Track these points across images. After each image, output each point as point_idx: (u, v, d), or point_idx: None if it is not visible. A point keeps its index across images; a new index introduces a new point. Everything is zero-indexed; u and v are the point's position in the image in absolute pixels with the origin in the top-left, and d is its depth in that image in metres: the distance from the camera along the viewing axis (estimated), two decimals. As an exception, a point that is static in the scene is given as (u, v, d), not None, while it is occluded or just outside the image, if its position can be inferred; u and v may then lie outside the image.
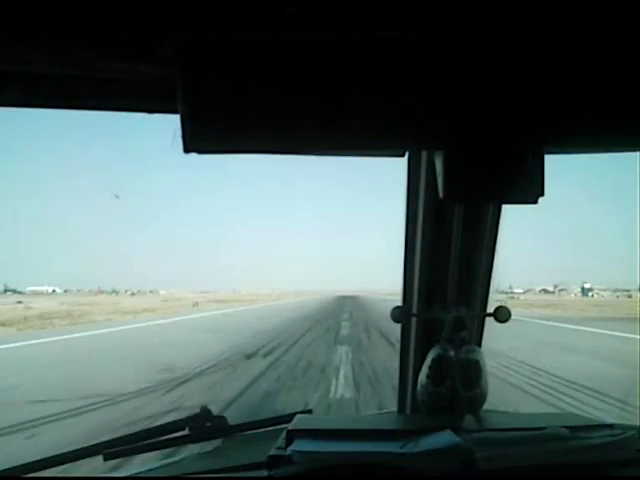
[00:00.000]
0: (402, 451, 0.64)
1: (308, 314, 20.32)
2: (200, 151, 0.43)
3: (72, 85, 0.65)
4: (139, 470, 0.87)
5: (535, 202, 0.48)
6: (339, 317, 18.30)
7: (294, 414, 0.88)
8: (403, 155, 0.53)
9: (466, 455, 0.63)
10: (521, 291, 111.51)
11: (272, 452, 0.66)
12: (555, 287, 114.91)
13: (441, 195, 0.48)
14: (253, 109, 0.42)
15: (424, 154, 0.91)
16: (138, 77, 0.62)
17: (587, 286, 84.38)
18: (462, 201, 0.77)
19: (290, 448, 0.66)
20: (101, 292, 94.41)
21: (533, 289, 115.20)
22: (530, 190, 0.48)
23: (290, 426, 0.76)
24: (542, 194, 0.47)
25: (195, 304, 28.96)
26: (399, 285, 1.08)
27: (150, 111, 0.68)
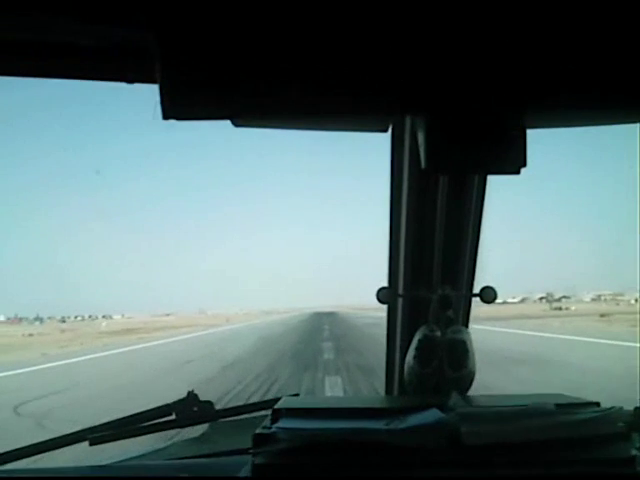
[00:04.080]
0: (387, 428, 0.64)
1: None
2: (179, 118, 0.43)
3: (45, 53, 0.63)
4: (127, 457, 0.88)
5: (517, 172, 0.48)
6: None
7: (280, 398, 0.85)
8: (386, 130, 0.54)
9: (450, 431, 0.63)
10: (516, 300, 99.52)
11: (258, 431, 0.65)
12: (548, 295, 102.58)
13: (423, 166, 0.48)
14: (234, 75, 0.41)
15: (407, 131, 0.92)
16: (115, 45, 0.62)
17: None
18: (444, 172, 0.78)
19: (275, 425, 0.66)
20: (18, 320, 78.75)
21: (530, 297, 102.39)
22: (512, 161, 0.48)
23: (276, 406, 0.74)
24: (524, 165, 0.47)
25: None
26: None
27: (129, 81, 0.66)
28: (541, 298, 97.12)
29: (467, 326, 1.06)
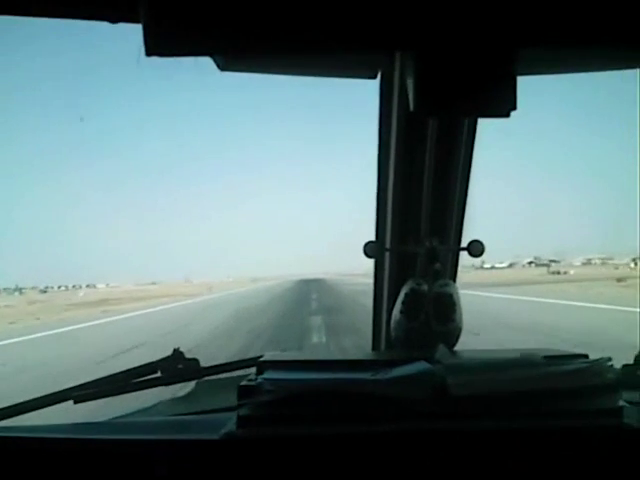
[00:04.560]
0: (373, 378, 0.63)
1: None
2: (163, 54, 0.42)
3: None
4: (113, 416, 0.87)
5: (507, 116, 0.48)
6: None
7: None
8: (375, 76, 0.51)
9: (437, 382, 0.62)
10: (504, 265, 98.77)
11: (242, 383, 0.64)
12: (536, 259, 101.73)
13: (412, 109, 0.48)
14: (219, 11, 0.40)
15: (396, 79, 0.90)
16: None
17: None
18: (434, 114, 0.76)
19: (260, 377, 0.65)
20: (-6, 292, 75.72)
21: (518, 262, 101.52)
22: (502, 103, 0.47)
23: (261, 359, 0.74)
24: (514, 108, 0.47)
25: None
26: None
27: (113, 21, 0.65)
28: (530, 262, 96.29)
29: (455, 280, 1.05)
